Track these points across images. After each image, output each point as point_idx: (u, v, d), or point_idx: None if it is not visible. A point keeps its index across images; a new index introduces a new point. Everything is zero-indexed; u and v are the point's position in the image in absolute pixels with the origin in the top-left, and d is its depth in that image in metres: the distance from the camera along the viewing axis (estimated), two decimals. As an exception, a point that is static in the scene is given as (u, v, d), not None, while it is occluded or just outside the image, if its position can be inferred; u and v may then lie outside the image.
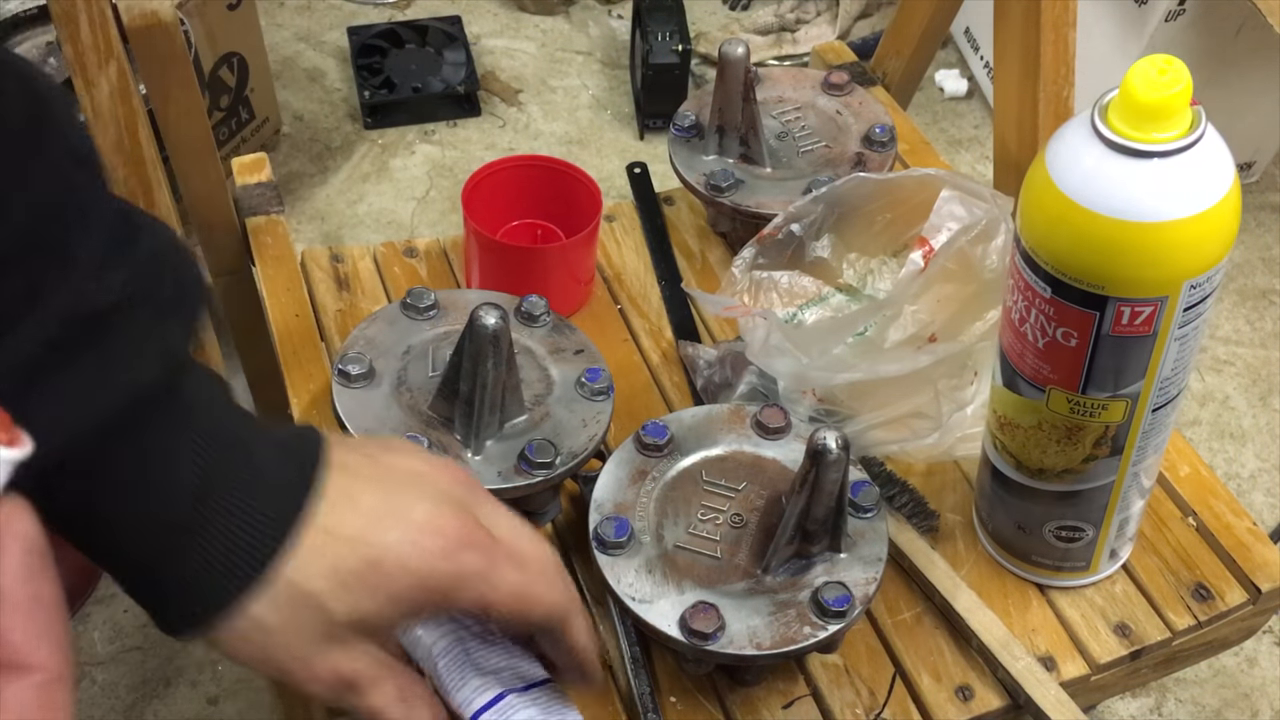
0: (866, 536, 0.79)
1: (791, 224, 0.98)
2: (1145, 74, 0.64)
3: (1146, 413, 0.74)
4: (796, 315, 0.99)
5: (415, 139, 1.82)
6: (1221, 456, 1.50)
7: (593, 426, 0.84)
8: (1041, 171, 0.68)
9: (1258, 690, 1.30)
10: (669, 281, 1.06)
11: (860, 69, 1.23)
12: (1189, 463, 0.93)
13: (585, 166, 1.05)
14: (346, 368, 0.85)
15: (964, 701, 0.81)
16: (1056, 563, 0.85)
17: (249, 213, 1.05)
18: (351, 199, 1.73)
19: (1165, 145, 0.64)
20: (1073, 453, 0.77)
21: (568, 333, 0.91)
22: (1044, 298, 0.70)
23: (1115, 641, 0.84)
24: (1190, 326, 0.70)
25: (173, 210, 0.87)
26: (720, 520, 0.81)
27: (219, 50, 1.61)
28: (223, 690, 1.26)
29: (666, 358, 1.01)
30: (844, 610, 0.75)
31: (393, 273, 1.05)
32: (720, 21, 2.02)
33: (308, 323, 0.99)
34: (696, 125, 1.07)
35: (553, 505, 0.87)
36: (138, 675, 1.27)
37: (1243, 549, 0.88)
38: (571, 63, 1.95)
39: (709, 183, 1.03)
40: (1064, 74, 1.02)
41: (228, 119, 1.68)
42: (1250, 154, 1.77)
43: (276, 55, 1.90)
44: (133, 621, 1.31)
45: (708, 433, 0.85)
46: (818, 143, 1.08)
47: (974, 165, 1.83)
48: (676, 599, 0.76)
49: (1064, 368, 0.73)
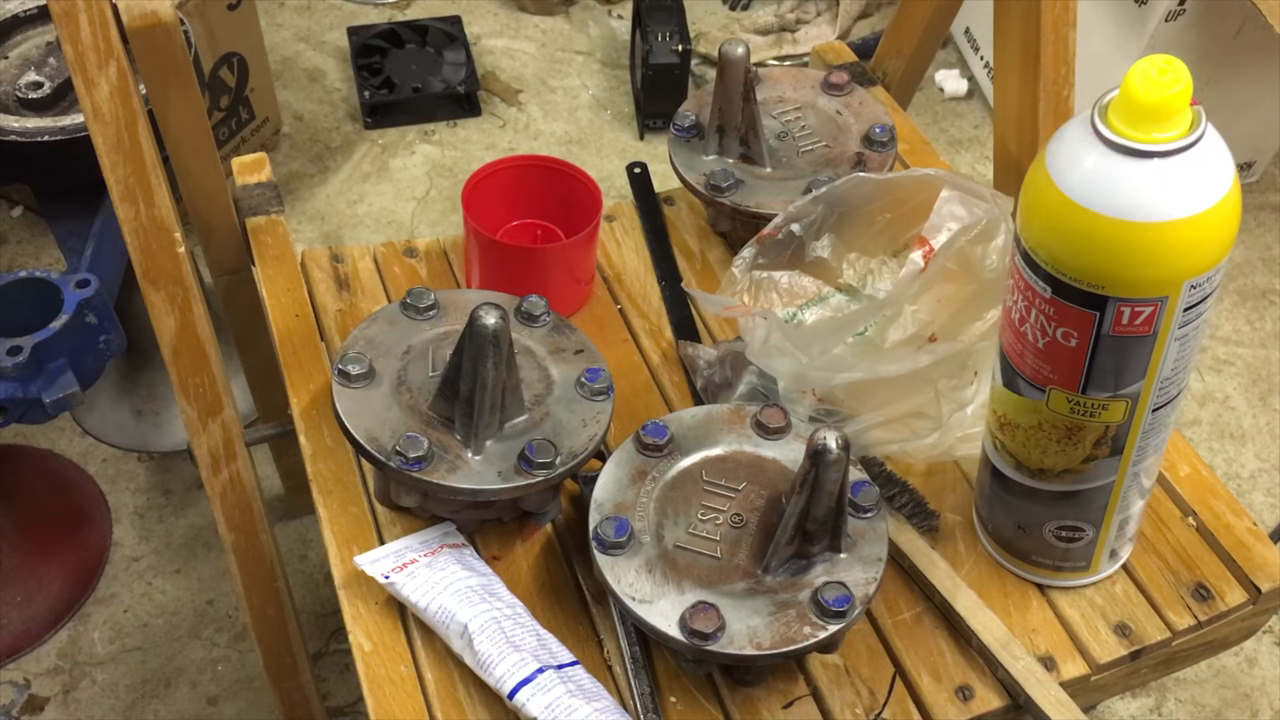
0: (866, 536, 0.79)
1: (791, 224, 0.98)
2: (1145, 74, 0.64)
3: (1146, 413, 0.74)
4: (796, 315, 0.99)
5: (415, 139, 1.82)
6: (1221, 456, 1.50)
7: (593, 426, 0.84)
8: (1041, 171, 0.68)
9: (1258, 690, 1.30)
10: (669, 281, 1.06)
11: (860, 69, 1.23)
12: (1189, 463, 0.93)
13: (585, 166, 1.05)
14: (346, 368, 0.85)
15: (964, 701, 0.81)
16: (1056, 563, 0.85)
17: (249, 213, 1.05)
18: (351, 199, 1.73)
19: (1165, 145, 0.64)
20: (1073, 453, 0.77)
21: (568, 333, 0.91)
22: (1044, 298, 0.70)
23: (1115, 641, 0.84)
24: (1190, 326, 0.70)
25: (173, 210, 0.87)
26: (720, 520, 0.81)
27: (219, 50, 1.61)
28: (223, 690, 1.26)
29: (666, 358, 1.01)
30: (844, 610, 0.75)
31: (393, 273, 1.05)
32: (720, 21, 2.02)
33: (308, 323, 0.99)
34: (696, 125, 1.07)
35: (553, 505, 0.87)
36: (138, 675, 1.27)
37: (1243, 549, 0.88)
38: (571, 63, 1.95)
39: (709, 183, 1.03)
40: (1064, 74, 1.02)
41: (228, 119, 1.68)
42: (1250, 154, 1.77)
43: (276, 55, 1.90)
44: (133, 621, 1.31)
45: (708, 433, 0.85)
46: (818, 143, 1.08)
47: (974, 165, 1.83)
48: (676, 599, 0.76)
49: (1064, 368, 0.73)
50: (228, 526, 0.96)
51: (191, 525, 1.39)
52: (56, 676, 1.27)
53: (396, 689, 0.79)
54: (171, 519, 1.39)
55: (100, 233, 1.20)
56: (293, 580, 1.19)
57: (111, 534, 1.38)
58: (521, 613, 0.80)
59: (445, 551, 0.83)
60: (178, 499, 1.41)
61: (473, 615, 0.78)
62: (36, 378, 1.10)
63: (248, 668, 1.28)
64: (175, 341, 0.89)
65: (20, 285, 1.13)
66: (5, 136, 1.16)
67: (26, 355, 1.08)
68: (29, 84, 1.20)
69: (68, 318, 1.10)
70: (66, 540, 1.36)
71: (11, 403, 1.10)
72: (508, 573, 0.85)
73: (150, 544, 1.37)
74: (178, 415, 1.26)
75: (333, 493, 0.89)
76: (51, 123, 1.18)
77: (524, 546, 0.87)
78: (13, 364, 1.08)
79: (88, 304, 1.12)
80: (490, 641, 0.77)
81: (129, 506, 1.40)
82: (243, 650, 1.29)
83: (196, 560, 1.36)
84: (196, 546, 1.37)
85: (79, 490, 1.41)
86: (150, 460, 1.44)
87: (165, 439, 1.44)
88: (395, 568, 0.81)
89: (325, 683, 1.27)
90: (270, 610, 1.02)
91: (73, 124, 1.17)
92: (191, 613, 1.32)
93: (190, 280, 0.88)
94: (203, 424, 0.92)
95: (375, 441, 0.82)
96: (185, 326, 0.89)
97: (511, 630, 0.78)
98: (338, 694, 1.26)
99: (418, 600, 0.79)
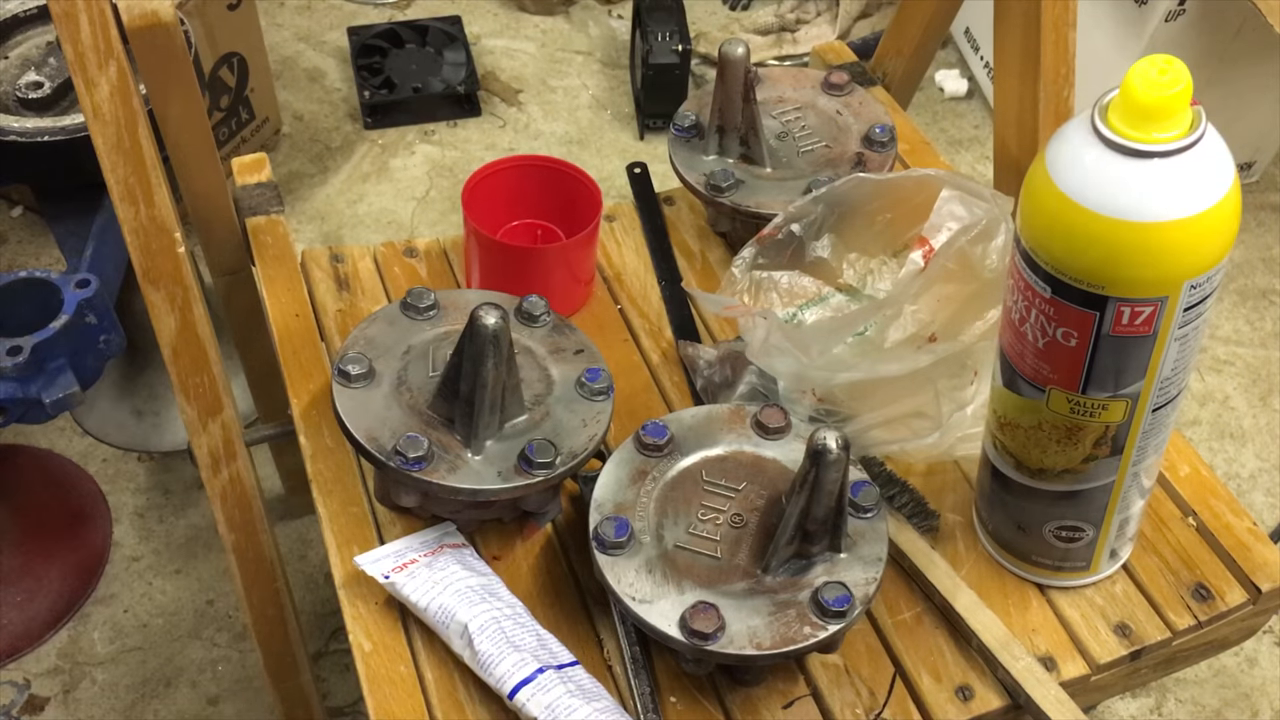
0: (866, 536, 0.79)
1: (791, 224, 0.98)
2: (1145, 74, 0.64)
3: (1146, 413, 0.74)
4: (796, 315, 0.99)
5: (415, 139, 1.82)
6: (1221, 456, 1.50)
7: (593, 426, 0.84)
8: (1041, 171, 0.68)
9: (1258, 690, 1.30)
10: (669, 281, 1.06)
11: (860, 69, 1.23)
12: (1189, 463, 0.93)
13: (585, 166, 1.05)
14: (346, 368, 0.85)
15: (964, 701, 0.81)
16: (1056, 563, 0.85)
17: (249, 213, 1.05)
18: (351, 199, 1.73)
19: (1165, 145, 0.64)
20: (1073, 453, 0.77)
21: (568, 333, 0.91)
22: (1044, 298, 0.70)
23: (1115, 641, 0.84)
24: (1190, 327, 0.70)
25: (173, 210, 0.87)
26: (720, 520, 0.81)
27: (219, 50, 1.61)
28: (223, 690, 1.26)
29: (666, 358, 1.01)
30: (844, 610, 0.75)
31: (393, 273, 1.05)
32: (720, 21, 2.02)
33: (308, 323, 0.99)
34: (696, 125, 1.07)
35: (553, 505, 0.87)
36: (138, 675, 1.27)
37: (1243, 549, 0.88)
38: (571, 63, 1.95)
39: (709, 183, 1.03)
40: (1064, 74, 1.02)
41: (228, 119, 1.68)
42: (1250, 154, 1.77)
43: (276, 55, 1.90)
44: (133, 621, 1.31)
45: (708, 433, 0.85)
46: (818, 143, 1.08)
47: (974, 165, 1.83)
48: (677, 599, 0.76)
49: (1064, 368, 0.73)
50: (228, 526, 0.96)
51: (191, 525, 1.39)
52: (56, 676, 1.27)
53: (396, 689, 0.79)
54: (171, 519, 1.39)
55: (100, 233, 1.20)
56: (293, 580, 1.19)
57: (111, 534, 1.38)
58: (522, 613, 0.80)
59: (445, 551, 0.83)
60: (178, 499, 1.41)
61: (473, 615, 0.78)
62: (36, 378, 1.10)
63: (248, 668, 1.28)
64: (175, 341, 0.89)
65: (20, 285, 1.13)
66: (5, 136, 1.16)
67: (26, 355, 1.08)
68: (29, 84, 1.20)
69: (68, 318, 1.10)
70: (66, 540, 1.36)
71: (11, 403, 1.10)
72: (508, 573, 0.85)
73: (150, 544, 1.37)
74: (178, 415, 1.26)
75: (333, 493, 0.89)
76: (51, 123, 1.18)
77: (524, 546, 0.87)
78: (13, 364, 1.08)
79: (88, 304, 1.12)
80: (491, 641, 0.77)
81: (129, 506, 1.40)
82: (243, 650, 1.29)
83: (196, 560, 1.36)
84: (196, 546, 1.37)
85: (79, 490, 1.41)
86: (150, 460, 1.44)
87: (165, 439, 1.44)
88: (395, 568, 0.81)
89: (325, 683, 1.27)
90: (270, 610, 1.02)
91: (73, 124, 1.17)
92: (191, 613, 1.32)
93: (190, 280, 0.88)
94: (203, 424, 0.92)
95: (375, 441, 0.82)
96: (185, 326, 0.89)
97: (512, 630, 0.78)
98: (338, 694, 1.26)
99: (418, 600, 0.79)
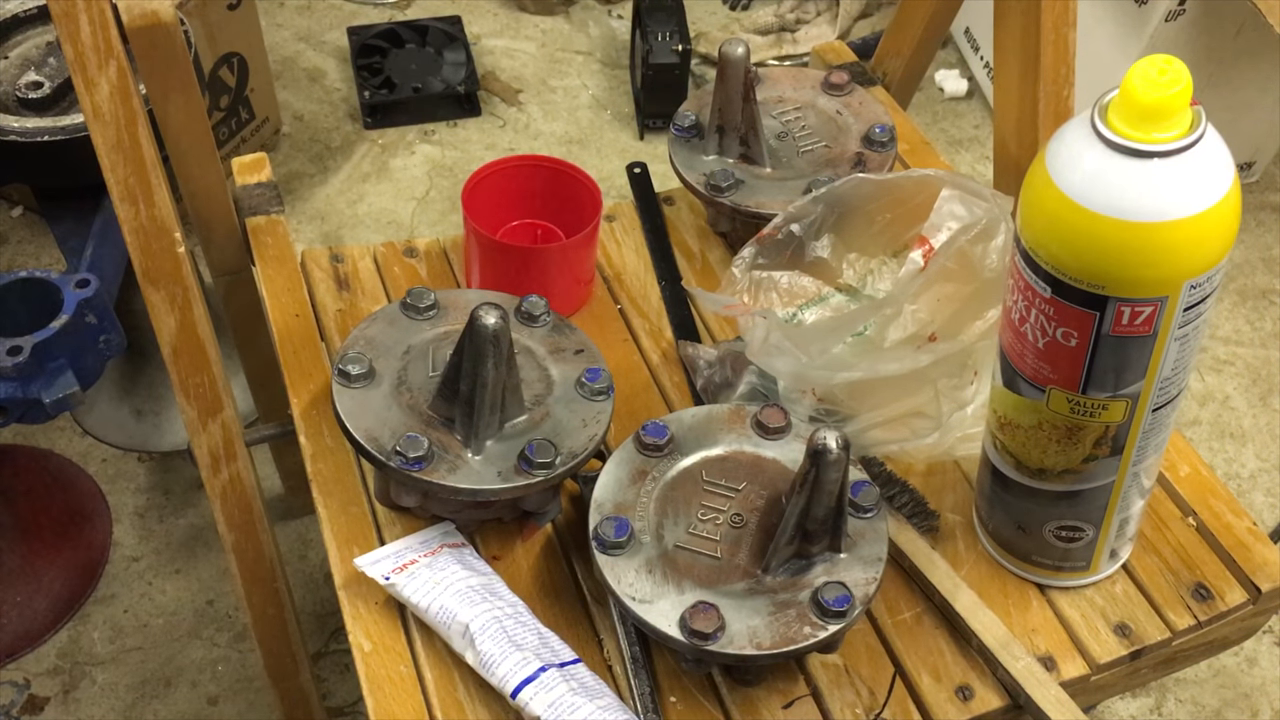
0: (866, 536, 0.79)
1: (791, 224, 0.98)
2: (1145, 74, 0.64)
3: (1146, 413, 0.74)
4: (796, 315, 0.99)
5: (415, 139, 1.82)
6: (1221, 456, 1.50)
7: (593, 426, 0.84)
8: (1041, 171, 0.68)
9: (1258, 690, 1.30)
10: (669, 281, 1.06)
11: (860, 69, 1.23)
12: (1189, 463, 0.93)
13: (585, 166, 1.05)
14: (346, 368, 0.85)
15: (964, 701, 0.80)
16: (1056, 563, 0.85)
17: (249, 213, 1.05)
18: (351, 199, 1.73)
19: (1165, 145, 0.64)
20: (1073, 453, 0.77)
21: (568, 333, 0.91)
22: (1044, 298, 0.70)
23: (1115, 641, 0.84)
24: (1190, 327, 0.70)
25: (173, 210, 0.87)
26: (720, 520, 0.81)
27: (219, 50, 1.61)
28: (223, 690, 1.26)
29: (666, 358, 1.01)
30: (844, 610, 0.75)
31: (393, 273, 1.05)
32: (720, 21, 2.02)
33: (308, 323, 0.99)
34: (696, 125, 1.07)
35: (553, 505, 0.87)
36: (138, 675, 1.27)
37: (1243, 549, 0.88)
38: (571, 63, 1.95)
39: (709, 183, 1.03)
40: (1064, 74, 1.02)
41: (228, 119, 1.68)
42: (1250, 154, 1.77)
43: (276, 55, 1.90)
44: (133, 621, 1.31)
45: (708, 433, 0.85)
46: (818, 143, 1.08)
47: (974, 165, 1.83)
48: (677, 599, 0.76)
49: (1064, 368, 0.73)
50: (228, 526, 0.96)
51: (191, 525, 1.39)
52: (56, 676, 1.27)
53: (396, 689, 0.79)
54: (171, 519, 1.39)
55: (100, 233, 1.21)
56: (293, 580, 1.19)
57: (111, 534, 1.38)
58: (523, 611, 0.80)
59: (445, 551, 0.83)
60: (178, 499, 1.41)
61: (474, 615, 0.78)
62: (36, 378, 1.10)
63: (248, 668, 1.28)
64: (175, 341, 0.89)
65: (20, 285, 1.13)
66: (5, 136, 1.16)
67: (26, 355, 1.08)
68: (29, 84, 1.20)
69: (68, 318, 1.10)
70: (66, 540, 1.36)
71: (11, 403, 1.10)
72: (508, 573, 0.85)
73: (150, 544, 1.37)
74: (178, 415, 1.26)
75: (333, 493, 0.89)
76: (51, 123, 1.18)
77: (524, 546, 0.87)
78: (13, 364, 1.08)
79: (88, 304, 1.12)
80: (492, 641, 0.77)
81: (129, 506, 1.40)
82: (243, 650, 1.29)
83: (196, 560, 1.36)
84: (196, 546, 1.37)
85: (79, 490, 1.41)
86: (150, 460, 1.44)
87: (165, 439, 1.44)
88: (395, 569, 0.81)
89: (325, 683, 1.27)
90: (270, 610, 1.02)
91: (73, 124, 1.17)
92: (191, 613, 1.32)
93: (190, 280, 0.88)
94: (203, 424, 0.92)
95: (375, 441, 0.82)
96: (185, 326, 0.89)
97: (513, 629, 0.78)
98: (338, 694, 1.26)
99: (419, 601, 0.79)
